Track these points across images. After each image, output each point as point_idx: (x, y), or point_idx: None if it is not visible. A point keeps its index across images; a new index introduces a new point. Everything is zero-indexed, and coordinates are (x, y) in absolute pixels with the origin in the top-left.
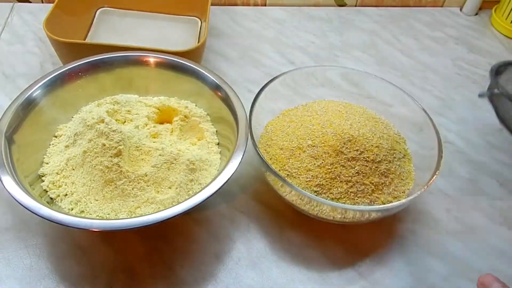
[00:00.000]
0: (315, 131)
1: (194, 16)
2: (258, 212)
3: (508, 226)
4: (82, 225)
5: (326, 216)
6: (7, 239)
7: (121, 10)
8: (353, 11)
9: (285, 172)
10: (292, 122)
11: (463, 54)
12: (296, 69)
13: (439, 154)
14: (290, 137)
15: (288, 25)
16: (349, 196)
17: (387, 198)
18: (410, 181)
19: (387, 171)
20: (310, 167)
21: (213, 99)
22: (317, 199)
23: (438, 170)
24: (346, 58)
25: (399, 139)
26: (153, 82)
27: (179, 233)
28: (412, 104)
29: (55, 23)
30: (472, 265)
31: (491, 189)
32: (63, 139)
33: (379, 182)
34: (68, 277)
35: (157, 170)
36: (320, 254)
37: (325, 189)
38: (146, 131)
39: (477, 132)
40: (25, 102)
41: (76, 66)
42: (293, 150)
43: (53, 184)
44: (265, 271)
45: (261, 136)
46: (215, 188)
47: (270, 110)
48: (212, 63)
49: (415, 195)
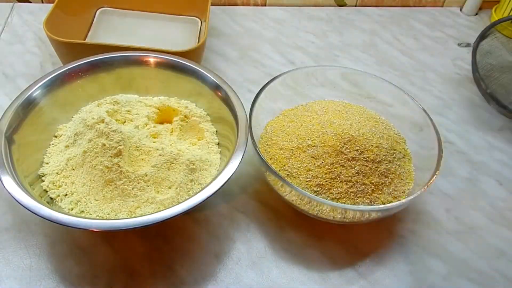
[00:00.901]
0: (315, 131)
1: (194, 16)
2: (258, 212)
3: (508, 226)
4: (82, 225)
5: (326, 216)
6: (7, 239)
7: (121, 10)
8: (353, 11)
9: (285, 172)
10: (292, 122)
11: (463, 54)
12: (296, 69)
13: (439, 154)
14: (290, 137)
15: (288, 25)
16: (349, 196)
17: (387, 198)
18: (410, 181)
19: (387, 171)
20: (310, 167)
21: (213, 99)
22: (317, 199)
23: (438, 170)
24: (346, 58)
25: (399, 139)
26: (153, 82)
27: (179, 233)
28: (412, 104)
29: (55, 23)
30: (472, 265)
31: (491, 189)
32: (63, 139)
33: (379, 182)
34: (68, 277)
35: (157, 170)
36: (320, 254)
37: (325, 189)
38: (146, 131)
39: (477, 132)
40: (25, 102)
41: (76, 66)
42: (293, 150)
43: (53, 184)
44: (265, 271)
45: (261, 136)
46: (215, 188)
47: (270, 110)
48: (212, 63)
49: (415, 195)
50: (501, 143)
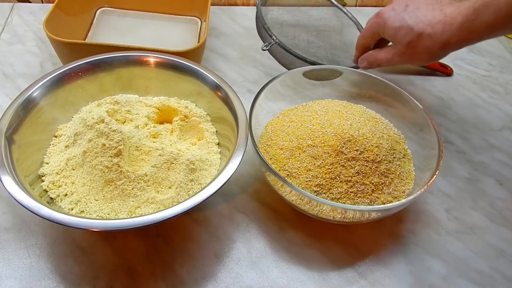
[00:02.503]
0: (315, 131)
1: (194, 16)
2: (258, 212)
3: (508, 226)
4: (82, 225)
5: (326, 216)
6: (7, 239)
7: (121, 10)
8: (353, 11)
9: (285, 172)
10: (292, 122)
11: (463, 54)
12: (296, 69)
13: (439, 154)
14: (290, 137)
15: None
16: (349, 196)
17: (387, 198)
18: (410, 181)
19: (387, 171)
20: (310, 167)
21: (213, 99)
22: (317, 199)
23: (438, 170)
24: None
25: (399, 139)
26: (153, 82)
27: (179, 233)
28: (412, 104)
29: (55, 23)
30: (472, 265)
31: (491, 189)
32: (63, 139)
33: (379, 182)
34: (68, 277)
35: (157, 170)
36: (320, 254)
37: (325, 189)
38: (146, 131)
39: (477, 132)
40: (25, 102)
41: (76, 66)
42: (293, 150)
43: (53, 184)
44: (265, 271)
45: (261, 136)
46: (215, 188)
47: (270, 110)
48: (212, 63)
49: (415, 195)
50: (501, 143)
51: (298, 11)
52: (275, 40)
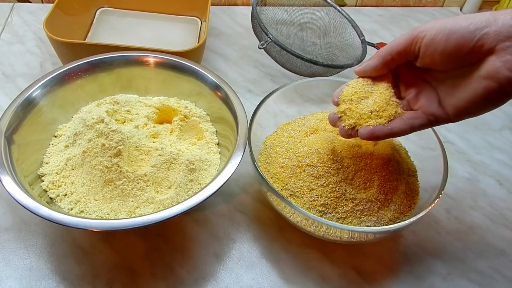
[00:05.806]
0: (312, 150)
1: (194, 16)
2: (258, 212)
3: (508, 226)
4: (82, 225)
5: (333, 237)
6: (7, 239)
7: (121, 10)
8: (353, 11)
9: (288, 192)
10: (291, 137)
11: None
12: (291, 82)
13: (444, 175)
14: (289, 154)
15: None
16: (355, 214)
17: (394, 215)
18: (415, 195)
19: (392, 186)
20: (313, 187)
21: (213, 99)
22: (325, 222)
23: (443, 191)
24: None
25: (403, 153)
26: (153, 82)
27: (179, 233)
28: None
29: (55, 23)
30: (472, 265)
31: (491, 189)
32: (62, 139)
33: (385, 199)
34: (68, 277)
35: (156, 170)
36: (320, 254)
37: (330, 208)
38: (146, 131)
39: (477, 132)
40: (25, 102)
41: (76, 66)
42: (293, 169)
43: (52, 184)
44: (265, 271)
45: (260, 153)
46: (215, 188)
47: (268, 124)
48: (212, 63)
49: (422, 214)
50: (501, 143)
51: (294, 10)
52: (271, 38)
